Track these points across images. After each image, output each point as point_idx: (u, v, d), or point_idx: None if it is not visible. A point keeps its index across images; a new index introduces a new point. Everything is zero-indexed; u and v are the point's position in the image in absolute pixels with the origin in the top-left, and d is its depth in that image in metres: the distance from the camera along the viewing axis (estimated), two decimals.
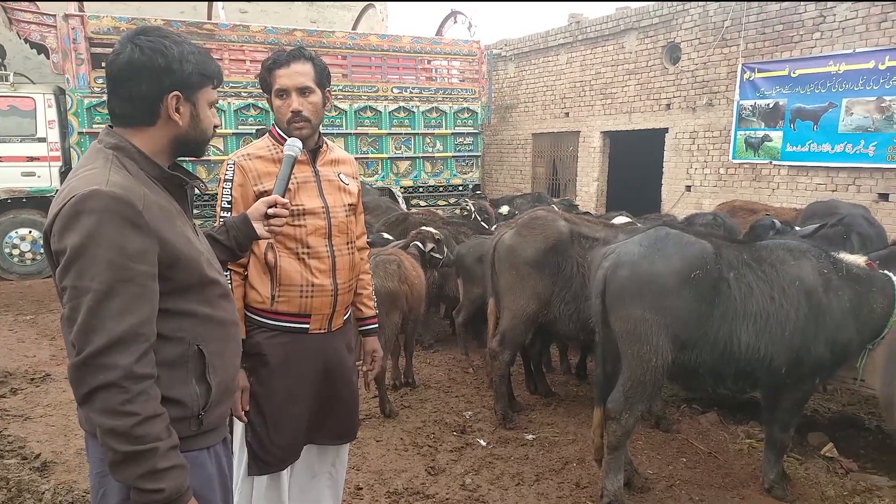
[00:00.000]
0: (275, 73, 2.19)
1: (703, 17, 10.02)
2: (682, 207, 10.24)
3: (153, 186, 1.45)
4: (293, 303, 2.22)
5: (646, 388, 3.14)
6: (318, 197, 2.26)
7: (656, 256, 3.11)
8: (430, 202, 11.11)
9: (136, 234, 1.33)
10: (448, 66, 11.71)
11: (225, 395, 1.58)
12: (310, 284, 2.22)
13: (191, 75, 1.47)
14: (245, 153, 2.23)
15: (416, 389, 5.02)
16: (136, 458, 1.29)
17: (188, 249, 1.46)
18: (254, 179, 2.18)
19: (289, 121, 2.19)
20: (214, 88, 1.57)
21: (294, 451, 2.31)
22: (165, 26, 9.01)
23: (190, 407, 1.46)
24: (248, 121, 9.69)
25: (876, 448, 4.03)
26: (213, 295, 1.54)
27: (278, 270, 2.20)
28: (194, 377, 1.48)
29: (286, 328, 2.24)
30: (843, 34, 8.30)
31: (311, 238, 2.23)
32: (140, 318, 1.32)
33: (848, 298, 3.21)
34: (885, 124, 7.90)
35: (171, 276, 1.42)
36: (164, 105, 1.46)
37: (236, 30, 9.69)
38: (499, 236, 4.45)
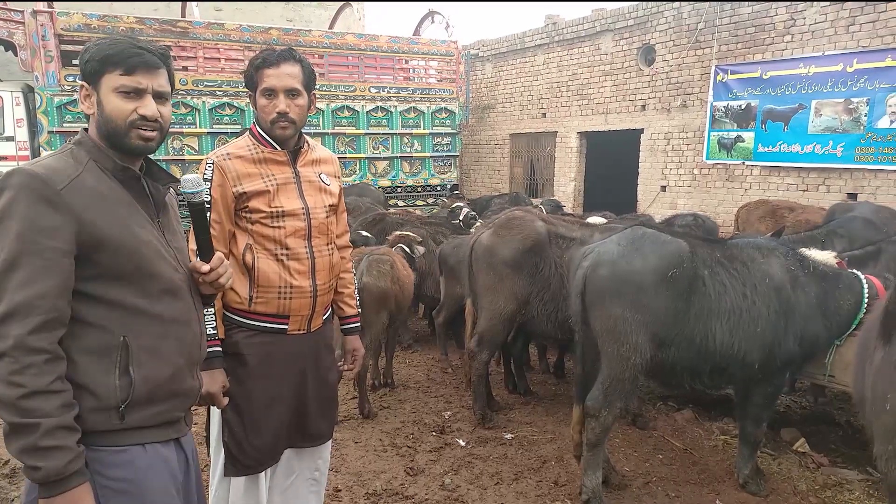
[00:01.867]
0: (263, 71, 2.16)
1: (677, 20, 10.16)
2: (657, 207, 10.37)
3: (102, 177, 1.48)
4: (271, 304, 2.20)
5: (624, 385, 3.17)
6: (299, 198, 2.24)
7: (635, 255, 3.15)
8: (408, 202, 11.09)
9: (49, 211, 1.35)
10: (426, 66, 11.70)
11: (165, 396, 1.53)
12: (288, 286, 2.20)
13: (87, 64, 1.50)
14: (224, 153, 2.20)
15: (395, 390, 5.01)
16: (18, 430, 1.29)
17: (122, 236, 1.45)
18: (233, 180, 2.15)
19: (273, 121, 2.17)
20: (126, 74, 1.50)
21: (273, 454, 2.29)
22: (138, 24, 8.91)
23: (105, 399, 1.42)
24: (224, 120, 9.58)
25: (846, 443, 4.13)
26: (155, 289, 1.51)
27: (256, 272, 2.17)
28: (118, 369, 1.44)
29: (264, 328, 2.22)
30: (813, 37, 8.48)
31: (290, 239, 2.21)
32: (40, 291, 1.32)
33: (815, 295, 3.29)
34: (852, 125, 8.09)
35: (98, 261, 1.42)
36: None
37: (211, 28, 9.57)
38: (476, 237, 4.46)
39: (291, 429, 2.32)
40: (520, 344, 5.05)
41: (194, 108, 9.33)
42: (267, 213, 2.16)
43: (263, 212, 2.16)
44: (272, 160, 2.22)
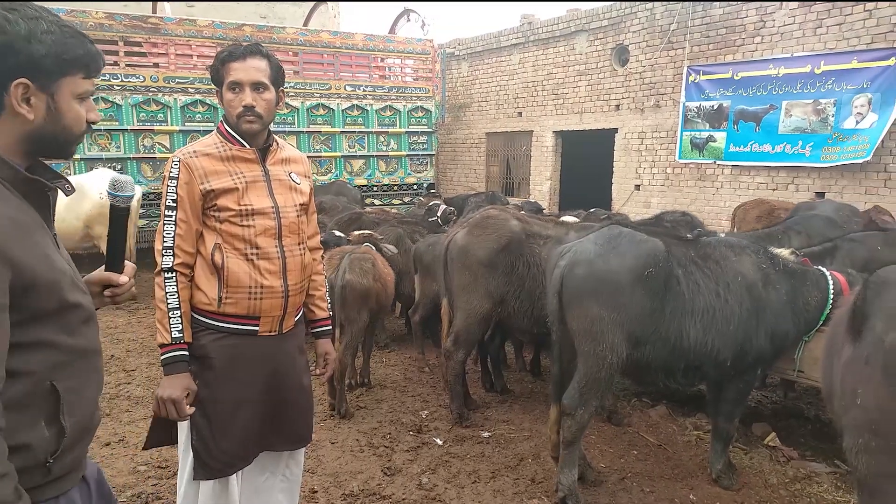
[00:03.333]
0: (229, 65, 2.13)
1: (650, 20, 10.28)
2: (631, 206, 10.49)
3: (4, 193, 1.19)
4: (241, 304, 2.16)
5: (600, 384, 3.20)
6: (268, 196, 2.21)
7: (611, 255, 3.17)
8: (384, 201, 11.05)
9: None
10: (402, 65, 11.68)
11: (83, 436, 1.35)
12: (259, 286, 2.17)
13: (43, 59, 1.20)
14: (191, 150, 2.16)
15: (372, 390, 4.99)
16: None
17: (47, 272, 1.22)
18: (200, 178, 2.12)
19: (239, 115, 2.14)
20: (88, 78, 1.29)
21: (243, 457, 2.25)
22: (107, 20, 8.74)
23: (36, 453, 1.22)
24: (196, 117, 9.44)
25: (815, 436, 4.21)
26: (75, 321, 1.30)
27: (225, 272, 2.14)
28: (43, 418, 1.23)
29: (234, 330, 2.18)
30: (782, 39, 8.65)
31: (259, 239, 2.17)
32: None
33: (784, 292, 3.35)
34: (820, 126, 8.27)
35: (24, 305, 1.18)
36: (8, 95, 1.19)
37: (182, 24, 9.43)
38: (451, 236, 4.45)
39: (265, 431, 2.28)
40: (496, 342, 5.06)
41: (165, 105, 9.19)
42: (236, 211, 2.13)
43: (232, 210, 2.13)
44: (240, 158, 2.19)
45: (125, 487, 3.45)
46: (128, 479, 3.54)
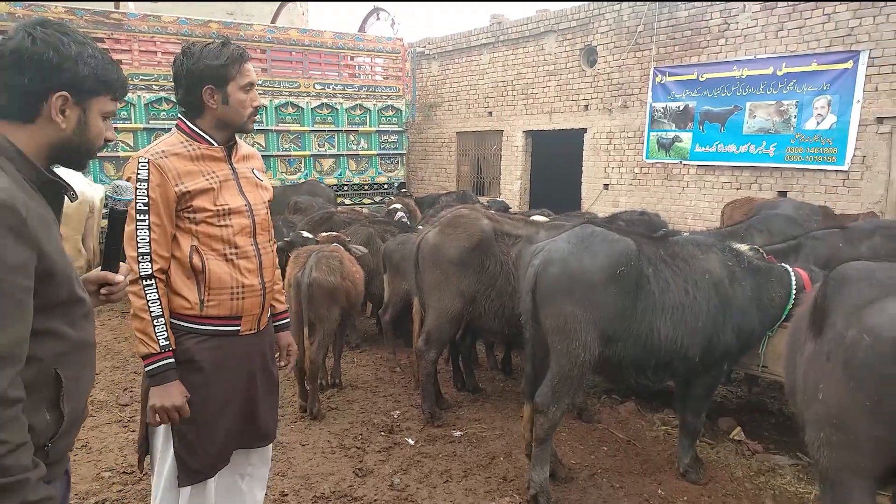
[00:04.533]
0: (244, 66, 2.13)
1: (617, 22, 10.40)
2: (600, 205, 10.61)
3: (30, 191, 1.32)
4: (224, 306, 2.14)
5: (573, 381, 3.22)
6: (240, 195, 2.19)
7: (584, 254, 3.20)
8: (354, 200, 10.98)
9: (18, 245, 1.21)
10: (371, 63, 11.60)
11: (74, 426, 1.45)
12: (240, 286, 2.16)
13: (85, 79, 1.38)
14: (158, 150, 2.08)
15: (343, 390, 4.95)
16: (5, 491, 1.17)
17: (63, 263, 1.35)
18: (174, 179, 2.05)
19: (249, 115, 2.15)
20: (115, 100, 1.47)
21: (225, 457, 2.24)
22: (67, 14, 8.50)
23: (38, 436, 1.32)
24: (161, 115, 9.24)
25: (778, 430, 4.32)
26: (78, 314, 1.41)
27: (207, 274, 2.10)
28: (45, 404, 1.34)
29: (217, 332, 2.16)
30: (746, 41, 8.84)
31: (238, 238, 2.16)
32: (15, 337, 1.20)
33: (750, 288, 3.43)
34: (783, 126, 8.48)
35: (42, 292, 1.28)
36: (47, 104, 1.35)
37: (147, 20, 9.21)
38: (422, 235, 4.44)
39: (242, 430, 2.28)
40: (468, 342, 5.07)
41: (129, 102, 8.97)
42: (213, 211, 2.10)
43: (209, 210, 2.09)
44: (210, 157, 2.14)
45: (89, 494, 3.36)
46: (91, 486, 3.45)
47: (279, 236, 5.55)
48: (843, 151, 7.90)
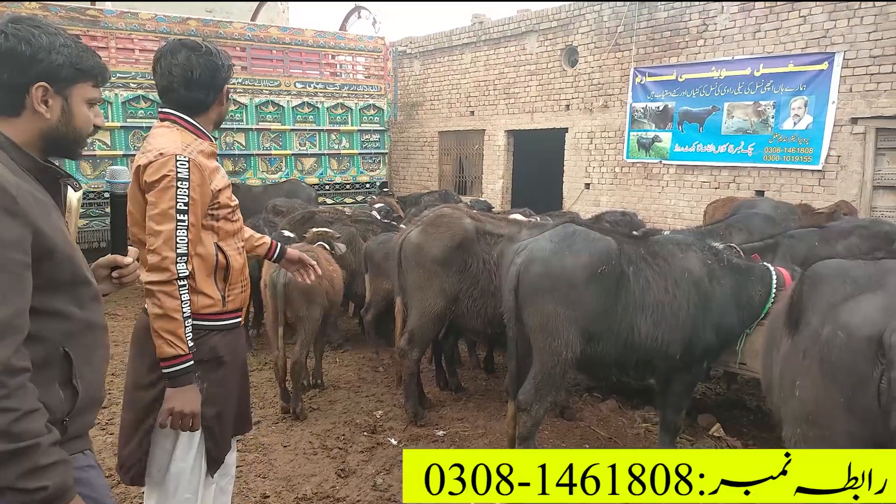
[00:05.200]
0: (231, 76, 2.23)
1: (598, 22, 10.47)
2: (582, 204, 10.67)
3: (26, 178, 1.37)
4: (238, 299, 2.22)
5: (555, 379, 3.24)
6: None
7: (566, 253, 3.22)
8: (336, 199, 10.92)
9: (10, 221, 1.26)
10: (353, 62, 11.55)
11: (91, 404, 1.53)
12: (245, 278, 2.26)
13: (61, 67, 1.41)
14: (195, 150, 2.03)
15: (326, 391, 4.93)
16: (16, 456, 1.22)
17: (64, 244, 1.39)
18: (210, 178, 2.05)
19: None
20: (96, 86, 1.50)
21: (230, 443, 2.32)
22: (42, 10, 8.34)
23: (54, 412, 1.38)
24: (138, 113, 9.11)
25: (756, 426, 4.38)
26: (86, 296, 1.47)
27: (230, 270, 2.16)
28: (58, 381, 1.41)
29: (231, 326, 2.23)
30: (724, 42, 8.95)
31: (241, 232, 2.28)
32: (15, 309, 1.25)
33: (729, 287, 3.47)
34: (761, 127, 8.60)
35: (42, 270, 1.34)
36: (29, 96, 1.39)
37: (124, 17, 9.08)
38: (405, 234, 4.44)
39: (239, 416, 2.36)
40: (450, 341, 5.07)
41: (106, 100, 8.83)
42: (231, 207, 2.17)
43: (229, 207, 2.15)
44: (212, 153, 2.17)
45: None
46: None
47: None
48: (819, 151, 8.03)
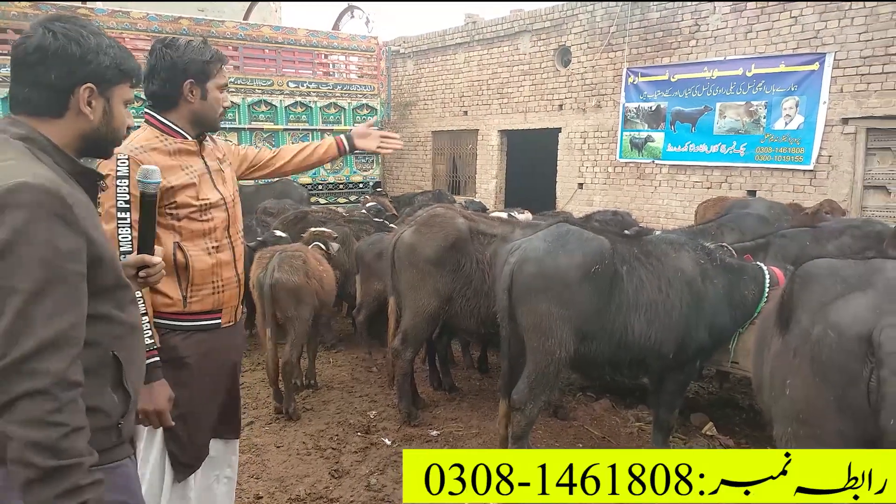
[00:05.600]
0: (223, 67, 2.21)
1: (591, 23, 10.49)
2: (575, 204, 10.70)
3: (70, 181, 1.36)
4: (207, 300, 2.17)
5: (549, 378, 3.25)
6: (215, 188, 2.23)
7: (560, 252, 3.23)
8: (329, 199, 10.91)
9: (68, 232, 1.25)
10: (346, 62, 11.54)
11: (135, 406, 1.54)
12: (220, 279, 2.21)
13: (107, 69, 1.41)
14: (136, 146, 2.07)
15: (319, 391, 4.92)
16: (58, 473, 1.19)
17: (110, 249, 1.41)
18: None
19: (221, 115, 2.23)
20: (132, 87, 1.52)
21: (206, 449, 2.28)
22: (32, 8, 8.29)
23: (110, 415, 1.40)
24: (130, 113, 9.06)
25: (749, 424, 4.40)
26: (126, 299, 1.48)
27: (191, 270, 2.12)
28: (110, 385, 1.41)
29: (200, 326, 2.19)
30: (716, 42, 8.99)
31: (217, 232, 2.21)
32: (72, 321, 1.24)
33: (722, 286, 3.49)
34: (753, 127, 8.64)
35: (93, 277, 1.33)
36: (74, 97, 1.38)
37: (115, 16, 9.04)
38: (398, 234, 4.44)
39: (222, 421, 2.33)
40: (444, 340, 5.07)
41: None
42: (196, 206, 2.13)
43: (193, 206, 2.12)
44: (185, 151, 2.16)
45: None
46: None
47: (253, 236, 5.49)
48: (810, 151, 8.08)
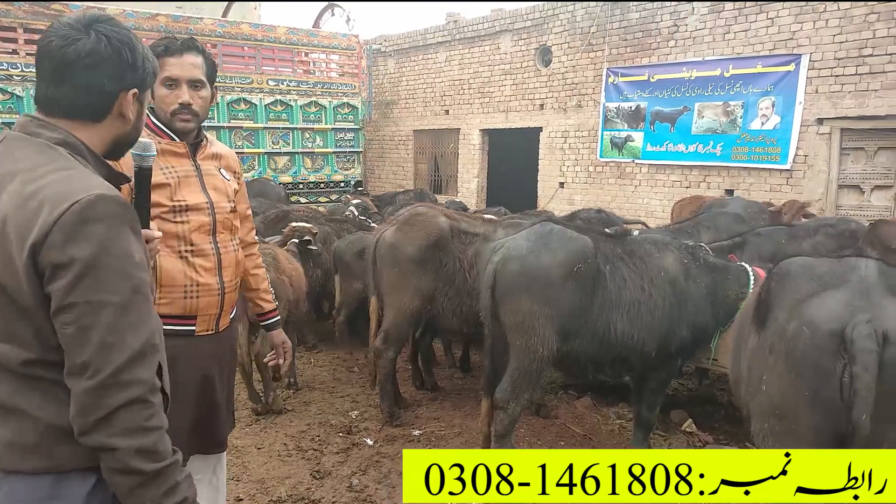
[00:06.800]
0: (165, 60, 2.07)
1: (571, 22, 10.55)
2: (556, 203, 10.75)
3: None
4: (177, 304, 2.11)
5: (532, 377, 3.26)
6: (202, 192, 2.17)
7: (543, 251, 3.24)
8: (310, 199, 10.84)
9: (138, 242, 1.28)
10: (327, 60, 11.47)
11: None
12: (195, 284, 2.13)
13: (148, 74, 1.42)
14: None
15: (300, 392, 4.89)
16: (161, 475, 1.24)
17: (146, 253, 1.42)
18: (129, 172, 1.99)
19: (174, 112, 2.09)
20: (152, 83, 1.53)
21: None
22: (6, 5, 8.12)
23: None
24: None
25: (727, 421, 4.46)
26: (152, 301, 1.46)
27: (159, 271, 2.07)
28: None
29: (170, 332, 2.09)
30: (694, 43, 9.08)
31: (194, 235, 2.13)
32: (152, 329, 1.29)
33: (705, 285, 3.52)
34: (730, 127, 8.74)
35: None
36: (119, 101, 1.36)
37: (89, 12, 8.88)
38: (380, 233, 4.42)
39: (199, 435, 2.22)
40: (426, 340, 5.07)
41: None
42: (169, 207, 2.07)
43: (165, 206, 2.06)
44: (171, 152, 2.12)
45: None
46: None
47: None
48: (786, 151, 8.20)
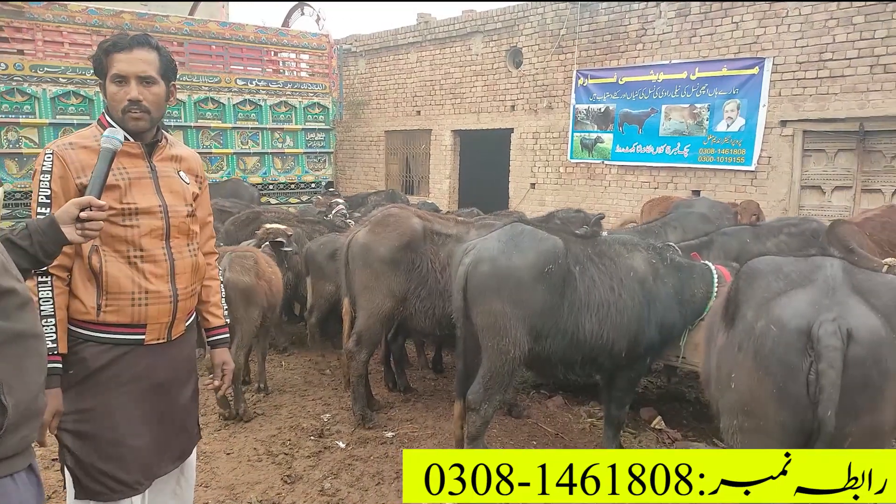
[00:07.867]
0: (113, 56, 1.99)
1: (542, 25, 10.63)
2: (527, 204, 10.81)
3: None
4: (124, 312, 2.01)
5: (504, 378, 3.27)
6: (155, 195, 2.07)
7: (514, 252, 3.25)
8: (281, 199, 10.72)
9: None
10: (297, 59, 11.34)
11: (26, 417, 1.42)
12: (143, 291, 2.02)
13: None
14: (67, 142, 2.00)
15: (271, 395, 4.82)
16: None
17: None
18: (76, 171, 1.95)
19: (124, 109, 2.00)
20: None
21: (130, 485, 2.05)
22: None
23: None
24: (69, 110, 8.70)
25: (696, 418, 4.53)
26: (10, 306, 1.37)
27: (104, 276, 1.97)
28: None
29: (118, 340, 2.02)
30: (662, 46, 9.23)
31: (144, 240, 2.03)
32: None
33: (672, 285, 3.58)
34: (696, 129, 8.91)
35: None
36: None
37: (51, 8, 8.65)
38: (352, 234, 4.39)
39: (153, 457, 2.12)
40: (399, 341, 5.05)
41: (33, 95, 8.41)
42: (117, 210, 1.97)
43: (113, 209, 1.96)
44: (124, 152, 2.01)
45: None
46: None
47: None
48: (751, 153, 8.39)
